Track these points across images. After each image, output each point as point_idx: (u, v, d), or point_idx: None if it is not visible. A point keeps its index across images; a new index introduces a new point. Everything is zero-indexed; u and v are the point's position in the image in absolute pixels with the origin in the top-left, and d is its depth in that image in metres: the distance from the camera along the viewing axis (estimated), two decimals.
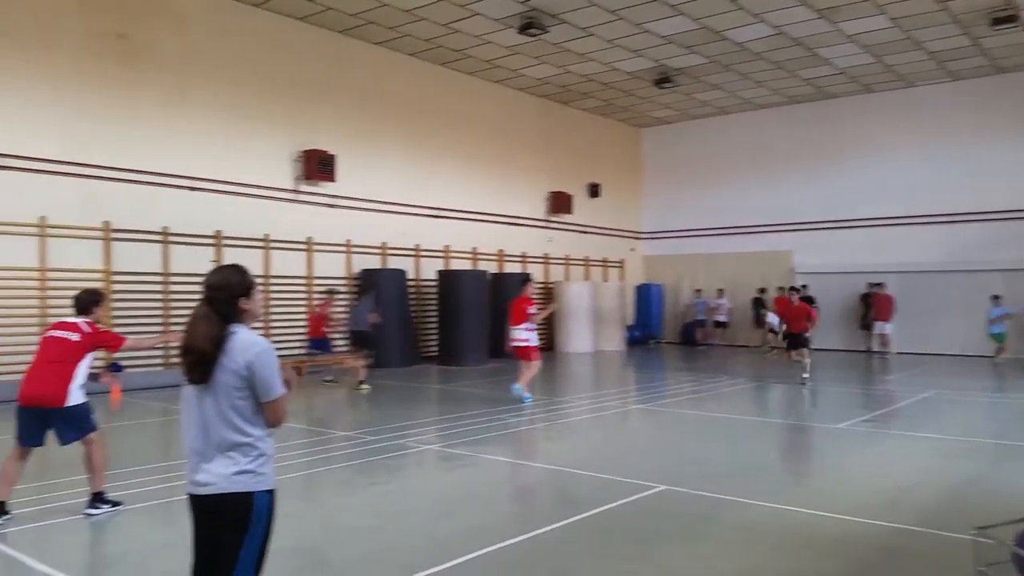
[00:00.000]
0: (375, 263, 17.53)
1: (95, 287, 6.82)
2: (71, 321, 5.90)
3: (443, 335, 18.13)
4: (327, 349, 14.45)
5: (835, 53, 18.30)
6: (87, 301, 5.99)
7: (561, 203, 22.44)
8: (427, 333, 18.76)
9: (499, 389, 13.27)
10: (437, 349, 18.48)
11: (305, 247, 16.34)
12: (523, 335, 11.57)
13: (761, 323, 21.91)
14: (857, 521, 5.59)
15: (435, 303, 18.50)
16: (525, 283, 11.92)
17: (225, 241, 14.86)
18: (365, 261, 17.34)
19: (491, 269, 20.00)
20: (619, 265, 25.20)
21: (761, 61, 18.84)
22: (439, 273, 18.42)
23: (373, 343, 13.93)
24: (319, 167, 16.04)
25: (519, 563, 4.82)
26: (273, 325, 15.38)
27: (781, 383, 14.02)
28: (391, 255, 17.98)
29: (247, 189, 15.28)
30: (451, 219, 19.42)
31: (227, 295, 3.05)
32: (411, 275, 18.17)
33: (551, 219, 22.59)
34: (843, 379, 15.36)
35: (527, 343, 11.60)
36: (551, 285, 21.91)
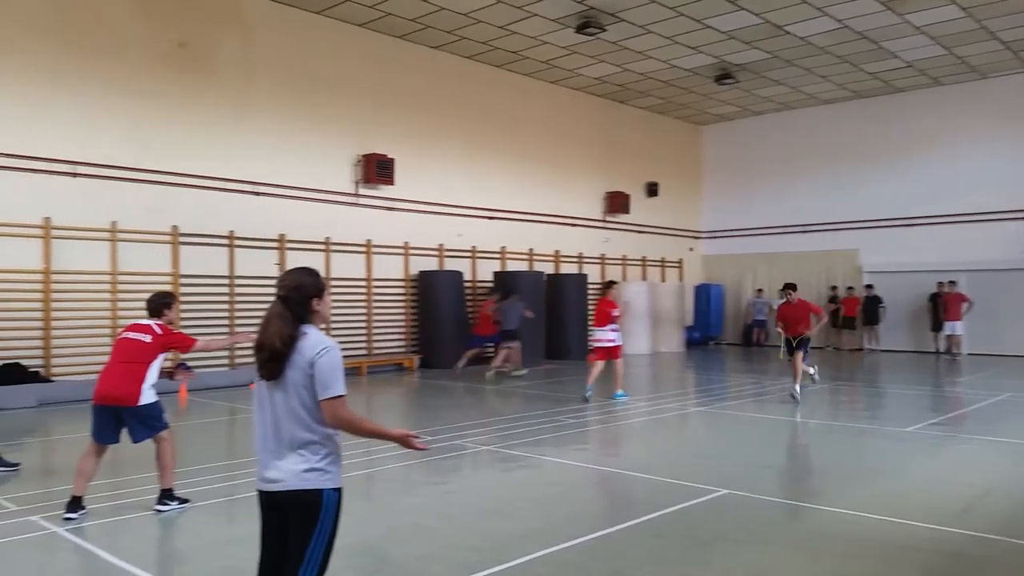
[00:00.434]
0: (432, 265, 17.70)
1: (166, 290, 7.02)
2: (144, 323, 6.09)
3: None
4: (499, 341, 15.80)
5: (903, 46, 17.76)
6: (159, 303, 6.17)
7: (618, 203, 22.28)
8: None
9: (556, 389, 13.26)
10: (493, 350, 18.50)
11: (364, 250, 16.59)
12: (609, 335, 12.12)
13: (836, 324, 21.53)
14: (928, 527, 5.42)
15: None
16: (610, 287, 12.47)
17: (288, 245, 15.19)
18: (422, 263, 17.52)
19: (547, 270, 20.01)
20: (677, 265, 24.90)
21: (825, 55, 18.41)
22: (495, 274, 18.50)
23: (521, 338, 15.84)
24: (378, 170, 16.27)
25: (576, 565, 4.80)
26: (334, 327, 15.64)
27: (847, 384, 13.65)
28: (448, 257, 18.13)
29: (308, 193, 15.59)
30: (507, 220, 19.48)
31: (301, 295, 3.13)
32: (467, 276, 18.28)
33: (608, 219, 22.46)
34: (912, 381, 14.89)
35: (614, 343, 12.14)
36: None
